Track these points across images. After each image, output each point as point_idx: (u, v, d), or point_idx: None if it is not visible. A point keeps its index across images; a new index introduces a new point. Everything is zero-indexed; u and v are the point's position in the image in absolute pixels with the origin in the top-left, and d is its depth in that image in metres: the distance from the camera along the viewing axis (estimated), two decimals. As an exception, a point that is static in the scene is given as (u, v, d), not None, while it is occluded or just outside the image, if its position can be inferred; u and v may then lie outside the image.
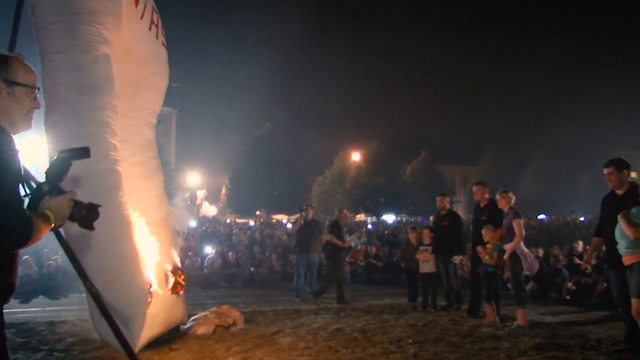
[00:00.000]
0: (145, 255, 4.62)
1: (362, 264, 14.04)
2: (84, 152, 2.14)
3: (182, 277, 5.70)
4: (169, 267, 5.55)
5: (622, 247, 4.61)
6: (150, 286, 4.62)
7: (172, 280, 5.50)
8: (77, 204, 2.06)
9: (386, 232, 20.58)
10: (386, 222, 30.23)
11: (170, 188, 30.40)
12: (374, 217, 35.18)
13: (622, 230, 4.57)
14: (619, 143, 46.15)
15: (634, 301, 4.48)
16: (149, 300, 4.54)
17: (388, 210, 34.96)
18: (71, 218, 2.06)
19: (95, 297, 3.32)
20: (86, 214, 2.11)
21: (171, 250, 5.97)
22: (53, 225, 1.91)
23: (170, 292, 5.58)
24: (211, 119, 39.53)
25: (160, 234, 5.64)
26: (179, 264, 5.94)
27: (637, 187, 4.79)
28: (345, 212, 11.00)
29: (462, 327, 6.55)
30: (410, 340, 5.82)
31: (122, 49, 5.17)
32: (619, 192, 5.26)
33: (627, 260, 4.59)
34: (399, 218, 32.25)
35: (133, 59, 5.47)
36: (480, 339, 5.88)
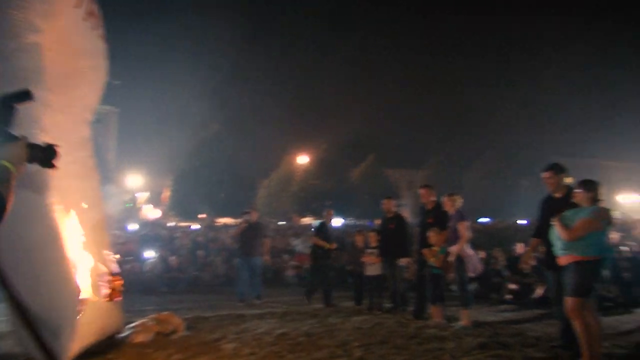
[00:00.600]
0: (77, 259, 4.32)
1: (307, 267, 13.94)
2: (25, 96, 2.01)
3: (119, 283, 5.41)
4: (104, 273, 5.25)
5: (557, 248, 4.77)
6: (82, 293, 4.32)
7: (107, 286, 5.20)
8: (32, 146, 1.97)
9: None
10: (332, 225, 30.26)
11: (109, 189, 29.34)
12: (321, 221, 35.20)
13: (557, 232, 4.72)
14: (558, 149, 48.68)
15: (567, 300, 4.63)
16: (80, 308, 4.25)
17: (335, 213, 35.04)
18: (30, 161, 1.97)
19: (18, 305, 3.05)
20: (45, 154, 2.05)
21: (107, 254, 5.66)
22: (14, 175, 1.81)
23: (105, 299, 5.28)
24: (155, 119, 38.43)
25: (95, 237, 5.32)
26: (116, 269, 5.64)
27: (573, 191, 4.95)
28: (332, 213, 11.00)
29: (408, 329, 6.58)
30: (357, 343, 5.77)
31: (55, 39, 4.84)
32: (557, 195, 5.46)
33: (562, 260, 4.75)
34: (346, 221, 32.38)
35: (68, 51, 5.12)
36: (425, 340, 5.91)
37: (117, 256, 6.13)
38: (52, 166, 2.10)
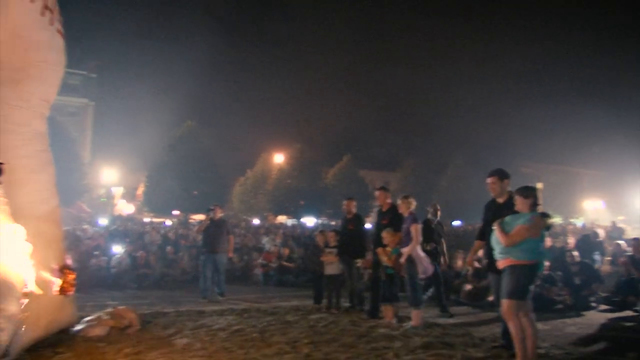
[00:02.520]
0: (23, 252, 4.35)
1: (274, 265, 14.06)
2: None
3: (71, 277, 5.42)
4: (56, 266, 5.27)
5: (497, 252, 4.98)
6: (26, 285, 4.36)
7: (58, 280, 5.22)
8: None
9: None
10: (305, 224, 30.45)
11: (81, 184, 28.98)
12: (295, 220, 35.34)
13: (497, 236, 4.92)
14: (528, 155, 49.66)
15: (503, 302, 4.84)
16: (22, 301, 4.29)
17: (308, 213, 35.26)
18: None
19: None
20: None
21: (60, 247, 5.69)
22: None
23: (57, 293, 5.30)
24: (131, 113, 38.00)
25: (48, 230, 5.36)
26: (69, 263, 5.66)
27: (514, 197, 5.15)
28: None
29: (360, 328, 6.75)
30: (306, 341, 5.93)
31: (9, 33, 4.86)
32: (500, 200, 5.68)
33: (500, 264, 4.96)
34: (319, 221, 32.60)
35: (22, 45, 5.12)
36: (374, 339, 6.10)
37: (80, 250, 6.14)
38: None
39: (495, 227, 4.94)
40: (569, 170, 48.69)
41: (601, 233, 18.40)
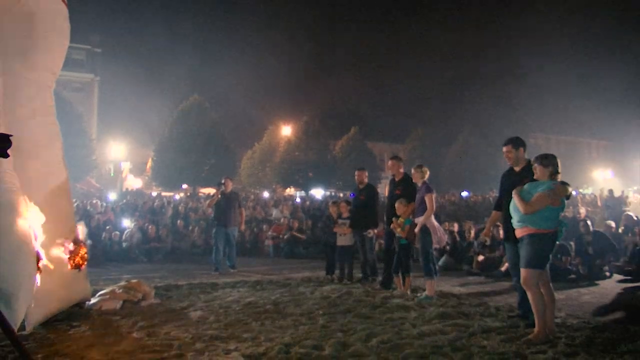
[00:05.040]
0: (36, 226, 4.30)
1: (285, 237, 14.09)
2: None
3: (83, 250, 5.41)
4: (69, 240, 5.25)
5: (515, 220, 4.86)
6: (40, 260, 4.32)
7: (71, 254, 5.21)
8: None
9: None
10: (314, 196, 30.41)
11: (89, 160, 28.99)
12: (303, 192, 35.33)
13: (515, 205, 4.81)
14: (537, 126, 49.11)
15: (522, 271, 4.75)
16: (37, 274, 4.26)
17: (317, 185, 35.20)
18: None
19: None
20: None
21: (71, 220, 5.66)
22: None
23: (70, 267, 5.30)
24: (137, 88, 37.66)
25: (58, 202, 5.31)
26: (81, 237, 5.64)
27: (532, 165, 5.01)
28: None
29: (374, 299, 6.71)
30: (321, 312, 5.91)
31: (12, 1, 4.74)
32: (516, 169, 5.56)
33: (518, 233, 4.86)
34: (327, 193, 32.50)
35: (24, 12, 5.01)
36: (389, 310, 6.06)
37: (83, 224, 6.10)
38: (5, 155, 2.09)
39: (514, 195, 4.82)
40: (577, 141, 48.22)
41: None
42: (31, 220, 4.24)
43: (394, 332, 4.92)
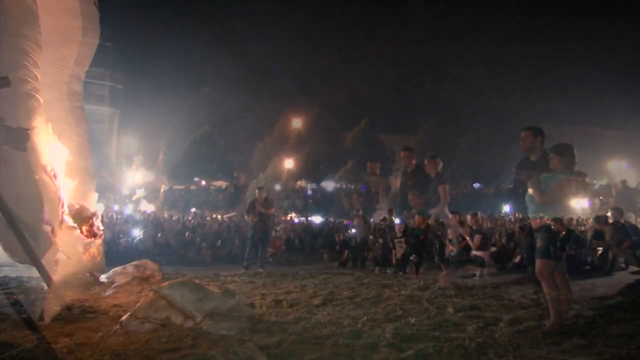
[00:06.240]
0: (60, 185, 4.68)
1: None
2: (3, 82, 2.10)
3: (96, 223, 5.70)
4: (88, 211, 5.57)
5: (531, 211, 4.82)
6: (64, 211, 4.66)
7: (88, 224, 5.49)
8: (7, 129, 2.08)
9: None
10: (325, 189, 30.39)
11: (109, 181, 29.04)
12: (314, 184, 35.32)
13: (531, 195, 4.76)
14: (548, 117, 48.48)
15: (537, 262, 4.72)
16: (61, 218, 4.53)
17: (327, 177, 35.17)
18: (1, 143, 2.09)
19: (5, 211, 3.25)
20: (16, 137, 2.19)
21: (91, 197, 6.20)
22: None
23: (85, 234, 5.59)
24: (149, 79, 37.64)
25: (82, 179, 5.96)
26: (96, 213, 5.97)
27: (548, 155, 4.96)
28: None
29: (389, 289, 6.70)
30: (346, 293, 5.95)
31: (51, 1, 5.36)
32: (532, 158, 5.51)
33: (534, 224, 4.81)
34: (337, 185, 32.43)
35: (59, 9, 5.67)
36: (401, 300, 6.07)
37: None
38: (24, 149, 2.16)
39: (530, 185, 4.77)
40: (591, 131, 47.60)
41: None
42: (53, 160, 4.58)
43: (406, 323, 4.91)
